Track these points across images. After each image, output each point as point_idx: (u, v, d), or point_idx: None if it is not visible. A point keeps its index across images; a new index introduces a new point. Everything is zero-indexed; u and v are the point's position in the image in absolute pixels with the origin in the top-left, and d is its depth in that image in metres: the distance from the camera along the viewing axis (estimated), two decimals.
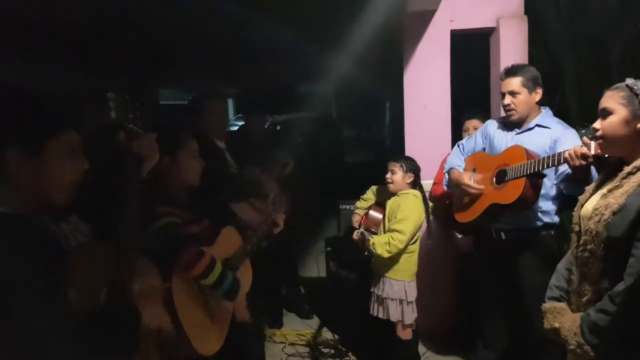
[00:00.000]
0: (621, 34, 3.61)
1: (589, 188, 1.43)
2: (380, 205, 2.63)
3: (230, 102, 8.26)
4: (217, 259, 1.66)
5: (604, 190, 1.34)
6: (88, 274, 1.04)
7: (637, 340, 1.22)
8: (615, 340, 1.23)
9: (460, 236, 2.65)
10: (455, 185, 2.25)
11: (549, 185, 2.06)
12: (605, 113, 1.34)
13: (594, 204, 1.33)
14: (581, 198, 1.43)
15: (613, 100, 1.32)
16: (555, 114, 2.21)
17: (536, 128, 2.13)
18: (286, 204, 2.24)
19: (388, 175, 2.48)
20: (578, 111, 3.63)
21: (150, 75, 5.20)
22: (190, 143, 1.76)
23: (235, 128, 3.57)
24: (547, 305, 1.43)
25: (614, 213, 1.24)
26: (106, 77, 4.58)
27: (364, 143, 9.69)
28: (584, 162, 1.61)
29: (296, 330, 3.17)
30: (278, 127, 7.62)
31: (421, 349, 2.74)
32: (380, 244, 2.35)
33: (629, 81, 1.31)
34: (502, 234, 2.18)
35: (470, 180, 2.15)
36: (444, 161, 2.57)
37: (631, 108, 1.28)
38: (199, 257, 1.58)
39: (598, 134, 1.36)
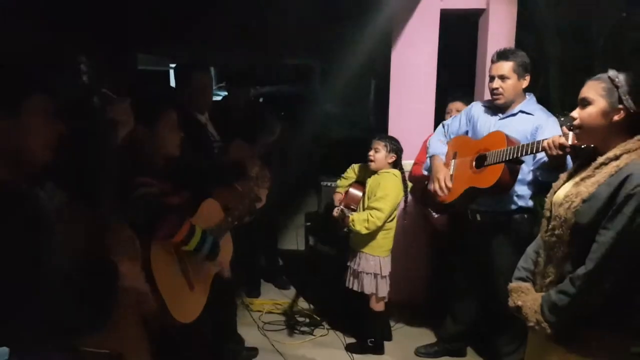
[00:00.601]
0: (605, 22, 3.64)
1: (563, 176, 1.47)
2: (360, 183, 2.66)
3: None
4: (197, 225, 1.67)
5: (577, 178, 1.37)
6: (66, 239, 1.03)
7: (590, 319, 1.29)
8: (570, 319, 1.30)
9: (436, 215, 2.72)
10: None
11: (526, 171, 2.11)
12: (585, 103, 1.34)
13: (566, 191, 1.37)
14: (555, 185, 1.47)
15: (594, 91, 1.32)
16: (538, 100, 2.25)
17: (519, 114, 2.16)
18: (269, 179, 2.24)
19: (371, 153, 2.50)
20: (559, 98, 3.68)
21: (128, 38, 4.99)
22: (170, 113, 1.73)
23: (218, 98, 3.51)
24: (513, 284, 1.50)
25: (584, 201, 1.27)
26: (80, 40, 4.38)
27: (347, 120, 9.66)
28: (561, 152, 1.65)
29: (273, 299, 3.24)
30: (260, 99, 7.50)
31: (392, 321, 2.85)
32: (359, 221, 2.39)
33: (611, 73, 1.30)
34: (478, 216, 2.24)
35: (444, 178, 2.17)
36: (426, 142, 2.60)
37: (610, 100, 1.29)
38: (179, 225, 1.58)
39: (575, 123, 1.37)
